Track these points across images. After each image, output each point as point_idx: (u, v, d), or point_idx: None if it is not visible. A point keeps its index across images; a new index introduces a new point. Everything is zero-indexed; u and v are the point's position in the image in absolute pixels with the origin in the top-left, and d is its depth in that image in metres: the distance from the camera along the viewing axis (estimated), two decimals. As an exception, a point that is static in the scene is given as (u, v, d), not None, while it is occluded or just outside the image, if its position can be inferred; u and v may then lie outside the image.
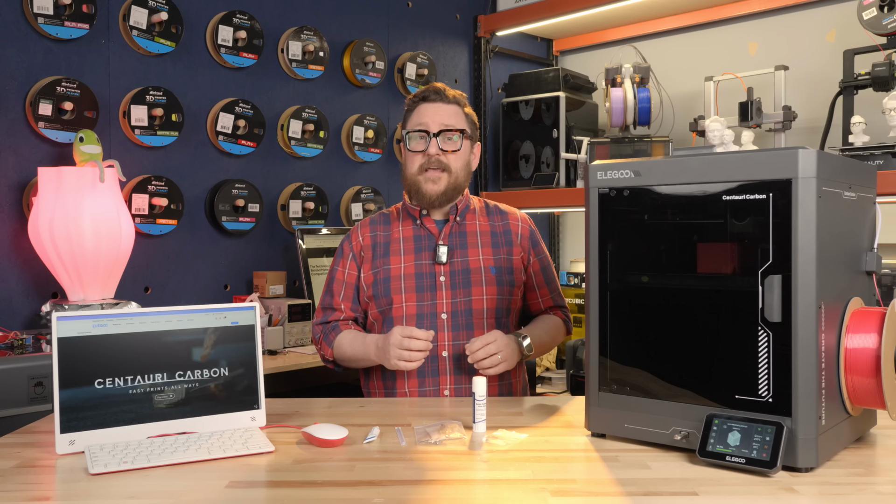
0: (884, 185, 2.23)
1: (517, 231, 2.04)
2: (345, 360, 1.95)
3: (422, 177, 1.92)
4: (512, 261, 1.99)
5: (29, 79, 2.42)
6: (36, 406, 1.98)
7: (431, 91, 1.96)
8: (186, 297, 2.76)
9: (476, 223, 2.01)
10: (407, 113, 2.00)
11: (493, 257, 1.97)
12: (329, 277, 2.02)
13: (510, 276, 1.98)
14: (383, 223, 2.03)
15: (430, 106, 1.95)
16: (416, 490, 1.17)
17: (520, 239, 2.03)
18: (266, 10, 3.00)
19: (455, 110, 1.96)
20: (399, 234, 1.99)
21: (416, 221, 1.99)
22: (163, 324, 1.44)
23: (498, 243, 2.00)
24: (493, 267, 1.96)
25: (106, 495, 1.16)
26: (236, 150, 2.88)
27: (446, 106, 1.95)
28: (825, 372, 1.23)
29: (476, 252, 1.97)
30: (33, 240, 2.28)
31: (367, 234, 2.01)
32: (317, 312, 2.03)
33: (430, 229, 1.98)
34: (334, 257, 2.05)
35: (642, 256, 1.37)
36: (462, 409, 1.67)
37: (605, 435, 1.42)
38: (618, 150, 3.26)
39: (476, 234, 2.00)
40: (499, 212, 2.06)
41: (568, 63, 4.06)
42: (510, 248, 2.00)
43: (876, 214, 1.43)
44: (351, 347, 1.91)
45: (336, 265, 2.02)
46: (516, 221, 2.05)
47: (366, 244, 1.99)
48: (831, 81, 2.83)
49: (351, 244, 2.01)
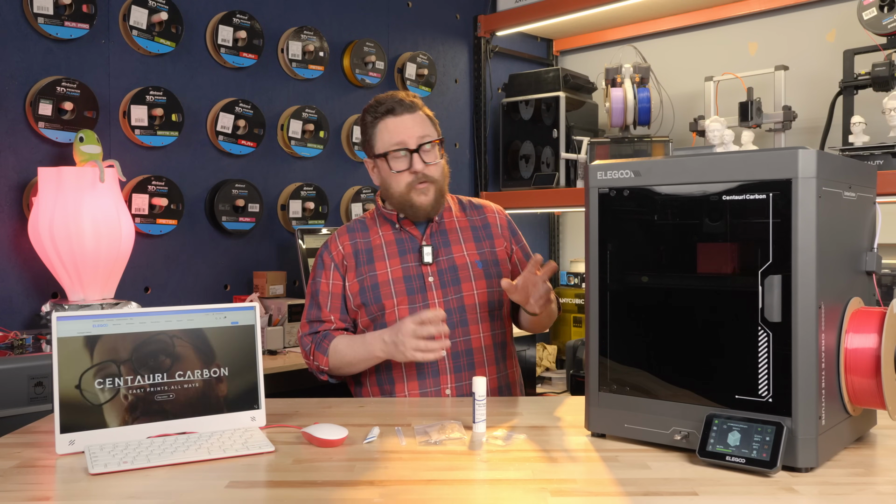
0: (884, 185, 2.23)
1: (496, 223, 2.05)
2: (342, 367, 1.89)
3: (413, 192, 1.90)
4: (496, 252, 2.00)
5: (29, 79, 2.42)
6: (36, 406, 1.98)
7: (394, 103, 1.90)
8: (186, 297, 2.76)
9: (455, 220, 2.01)
10: (370, 129, 1.93)
11: (477, 251, 1.97)
12: (312, 290, 1.97)
13: (497, 267, 1.98)
14: (361, 230, 2.00)
15: (398, 120, 1.89)
16: (416, 490, 1.17)
17: (500, 230, 2.04)
18: (266, 10, 3.00)
19: (421, 117, 1.92)
20: (380, 239, 1.97)
21: (396, 225, 1.97)
22: (163, 324, 1.44)
23: (479, 237, 2.00)
24: (479, 261, 1.96)
25: (106, 495, 1.16)
26: (236, 150, 2.88)
27: (412, 116, 1.90)
28: (825, 372, 1.23)
29: (460, 248, 1.97)
30: (33, 240, 2.28)
31: (347, 242, 1.98)
32: (302, 325, 1.97)
33: (411, 231, 1.97)
34: (314, 269, 1.99)
35: (642, 256, 1.37)
36: (462, 409, 1.67)
37: (605, 435, 1.42)
38: (618, 150, 3.26)
39: (457, 230, 2.00)
40: (473, 207, 2.07)
41: (568, 63, 4.06)
42: (492, 241, 2.01)
43: (876, 214, 1.43)
44: (350, 349, 1.86)
45: (318, 277, 1.97)
46: (493, 214, 2.06)
47: (347, 252, 1.96)
48: (831, 81, 2.83)
49: (331, 254, 1.97)
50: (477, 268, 1.95)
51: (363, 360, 1.86)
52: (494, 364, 1.94)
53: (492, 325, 1.95)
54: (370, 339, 1.83)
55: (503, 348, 1.98)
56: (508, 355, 2.00)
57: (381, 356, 1.82)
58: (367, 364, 1.88)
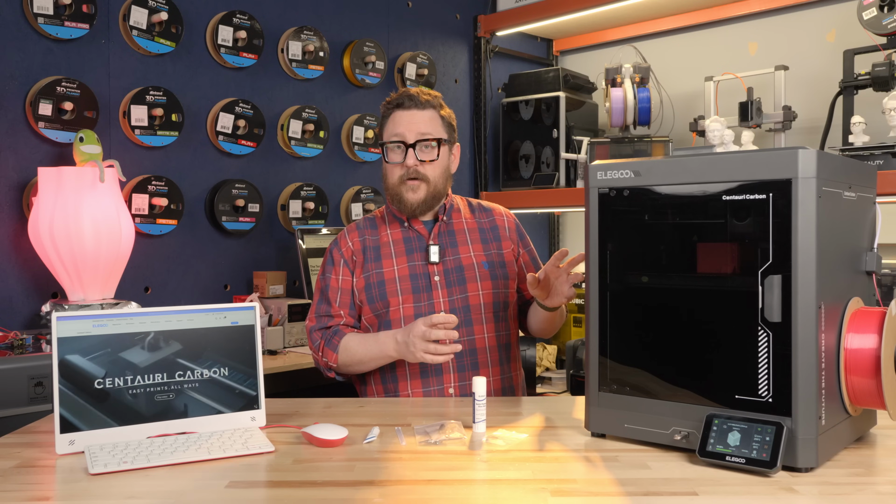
0: (884, 185, 2.23)
1: (504, 225, 2.05)
2: (351, 364, 1.89)
3: (403, 186, 1.91)
4: (503, 255, 2.00)
5: (29, 79, 2.42)
6: (36, 406, 1.98)
7: (405, 97, 1.93)
8: (186, 297, 2.76)
9: (463, 221, 2.02)
10: (382, 120, 1.98)
11: (483, 253, 1.98)
12: (322, 286, 1.98)
13: (503, 269, 1.98)
14: (370, 227, 2.01)
15: (404, 114, 1.92)
16: (416, 490, 1.17)
17: (508, 233, 2.05)
18: (266, 10, 3.00)
19: (430, 115, 1.94)
20: (388, 237, 1.98)
21: (405, 224, 1.98)
22: (163, 324, 1.44)
23: (487, 239, 2.01)
24: (485, 262, 1.96)
25: (106, 495, 1.16)
26: (236, 150, 2.88)
27: (421, 112, 1.92)
28: (825, 372, 1.23)
29: (467, 249, 1.97)
30: (33, 240, 2.28)
31: (356, 238, 1.99)
32: (310, 319, 1.98)
33: (419, 230, 1.98)
34: (323, 265, 2.01)
35: (642, 256, 1.37)
36: (462, 409, 1.67)
37: (605, 435, 1.42)
38: (618, 150, 3.26)
39: (464, 231, 2.00)
40: (482, 209, 2.08)
41: (568, 63, 4.06)
42: (499, 243, 2.01)
43: (876, 214, 1.43)
44: (362, 347, 1.87)
45: (328, 273, 1.98)
46: (501, 216, 2.07)
47: (356, 248, 1.98)
48: (831, 81, 2.83)
49: (341, 250, 1.98)
50: (483, 269, 1.95)
51: (375, 359, 1.86)
52: (498, 365, 1.94)
53: (496, 326, 1.95)
54: (383, 337, 1.84)
55: (507, 350, 1.98)
56: (512, 357, 2.00)
57: (394, 356, 1.82)
58: (377, 363, 1.88)
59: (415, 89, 1.96)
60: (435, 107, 1.95)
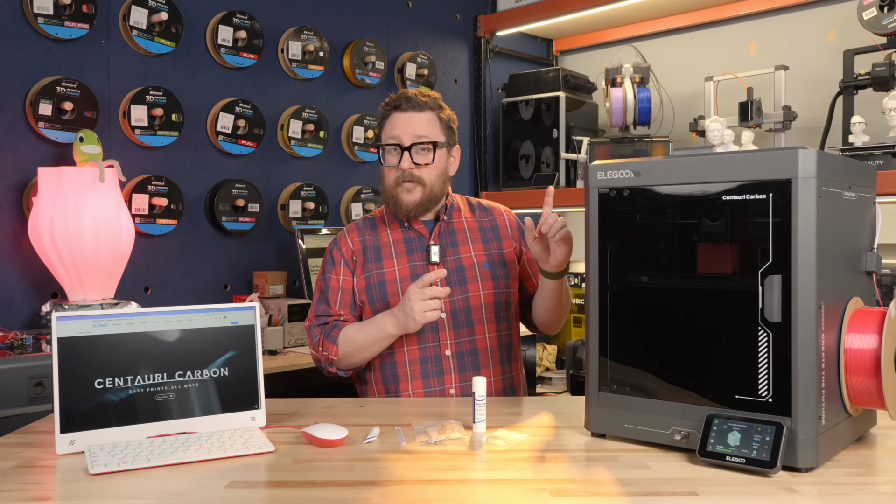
0: (884, 185, 2.23)
1: (505, 224, 2.05)
2: (352, 354, 1.86)
3: (398, 188, 1.91)
4: (504, 254, 2.00)
5: (29, 79, 2.42)
6: (36, 406, 1.98)
7: (403, 99, 1.92)
8: (186, 297, 2.76)
9: (463, 220, 2.02)
10: (381, 121, 1.97)
11: (484, 252, 1.98)
12: (322, 286, 1.98)
13: (504, 269, 1.98)
14: (370, 227, 2.01)
15: (401, 116, 1.91)
16: (416, 490, 1.17)
17: (510, 231, 2.04)
18: (266, 10, 3.00)
19: (428, 118, 1.93)
20: (388, 237, 1.97)
21: (405, 224, 1.98)
22: (163, 324, 1.44)
23: (487, 238, 2.01)
24: (486, 262, 1.96)
25: (106, 495, 1.16)
26: (236, 150, 2.88)
27: (418, 114, 1.92)
28: (825, 372, 1.23)
29: (467, 249, 1.97)
30: (33, 240, 2.28)
31: (356, 238, 1.99)
32: (309, 318, 1.97)
33: (420, 230, 1.97)
34: (323, 265, 2.00)
35: (642, 256, 1.37)
36: (462, 408, 1.67)
37: (605, 435, 1.42)
38: (618, 150, 3.27)
39: (465, 231, 2.00)
40: (482, 208, 2.07)
41: (568, 63, 4.06)
42: (500, 243, 2.01)
43: (876, 214, 1.43)
44: (361, 332, 1.85)
45: (328, 273, 1.97)
46: (501, 215, 2.07)
47: (356, 248, 1.97)
48: (831, 81, 2.83)
49: (341, 250, 1.98)
50: (483, 269, 1.95)
51: (375, 342, 1.85)
52: (499, 365, 1.94)
53: (497, 326, 1.95)
54: (380, 318, 1.84)
55: (509, 350, 1.98)
56: (514, 357, 2.00)
57: (394, 332, 1.82)
58: (378, 346, 1.86)
59: (414, 90, 1.96)
60: (433, 108, 1.94)
